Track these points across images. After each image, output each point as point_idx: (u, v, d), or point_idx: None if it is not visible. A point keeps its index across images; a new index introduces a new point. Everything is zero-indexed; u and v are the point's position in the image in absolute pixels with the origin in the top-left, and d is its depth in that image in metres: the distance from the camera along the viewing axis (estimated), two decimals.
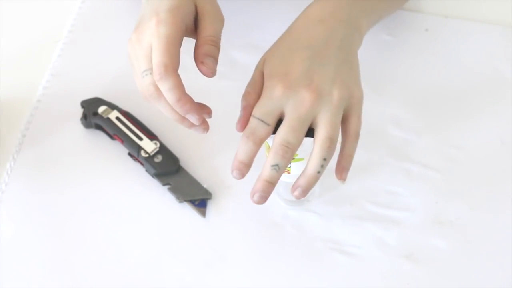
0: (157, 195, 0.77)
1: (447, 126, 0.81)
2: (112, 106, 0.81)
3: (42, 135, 0.82)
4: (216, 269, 0.73)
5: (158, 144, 0.79)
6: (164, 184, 0.78)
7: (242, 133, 0.62)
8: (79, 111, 0.82)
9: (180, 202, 0.77)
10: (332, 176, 0.76)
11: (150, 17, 0.61)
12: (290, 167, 0.67)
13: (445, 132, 0.81)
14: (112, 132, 0.80)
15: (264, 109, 0.61)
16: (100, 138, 0.82)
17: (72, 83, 0.86)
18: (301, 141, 0.61)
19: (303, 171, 0.62)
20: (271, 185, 0.62)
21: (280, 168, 0.61)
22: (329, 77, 0.62)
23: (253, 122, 0.61)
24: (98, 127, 0.81)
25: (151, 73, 0.61)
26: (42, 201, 0.77)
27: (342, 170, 0.64)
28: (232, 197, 0.77)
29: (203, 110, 0.63)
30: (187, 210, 0.77)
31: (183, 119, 0.63)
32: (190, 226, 0.76)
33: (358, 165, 0.77)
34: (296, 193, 0.63)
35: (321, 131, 0.61)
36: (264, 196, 0.62)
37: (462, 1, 0.90)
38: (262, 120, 0.61)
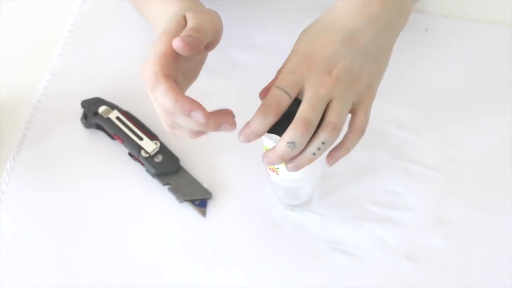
0: (157, 195, 0.77)
1: (447, 126, 0.81)
2: (112, 106, 0.81)
3: (42, 135, 0.82)
4: (216, 269, 0.73)
5: (158, 144, 0.79)
6: (164, 184, 0.78)
7: (261, 104, 0.61)
8: (79, 111, 0.82)
9: (180, 202, 0.77)
10: (332, 179, 0.76)
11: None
12: (278, 168, 0.67)
13: (445, 132, 0.81)
14: (112, 132, 0.80)
15: (288, 81, 0.61)
16: (100, 138, 0.82)
17: (72, 83, 0.86)
18: (318, 120, 0.61)
19: (302, 150, 0.62)
20: (282, 161, 0.62)
21: (295, 146, 0.60)
22: (349, 68, 0.62)
23: (277, 91, 0.60)
24: (98, 127, 0.81)
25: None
26: (42, 201, 0.77)
27: (334, 157, 0.64)
28: (232, 197, 0.77)
29: (226, 115, 0.60)
30: (187, 210, 0.77)
31: (202, 127, 0.60)
32: (190, 226, 0.76)
33: (358, 165, 0.77)
34: (290, 165, 0.62)
35: (327, 116, 0.61)
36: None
37: (462, 1, 0.90)
38: (285, 91, 0.60)
